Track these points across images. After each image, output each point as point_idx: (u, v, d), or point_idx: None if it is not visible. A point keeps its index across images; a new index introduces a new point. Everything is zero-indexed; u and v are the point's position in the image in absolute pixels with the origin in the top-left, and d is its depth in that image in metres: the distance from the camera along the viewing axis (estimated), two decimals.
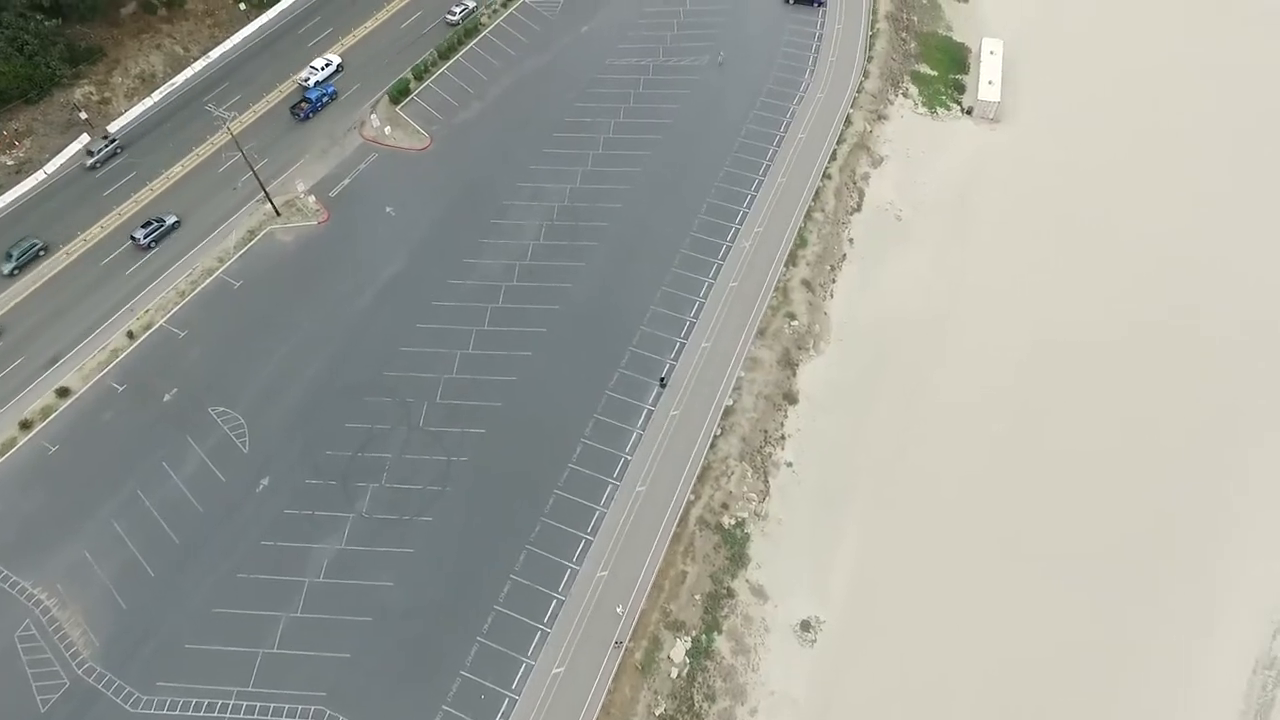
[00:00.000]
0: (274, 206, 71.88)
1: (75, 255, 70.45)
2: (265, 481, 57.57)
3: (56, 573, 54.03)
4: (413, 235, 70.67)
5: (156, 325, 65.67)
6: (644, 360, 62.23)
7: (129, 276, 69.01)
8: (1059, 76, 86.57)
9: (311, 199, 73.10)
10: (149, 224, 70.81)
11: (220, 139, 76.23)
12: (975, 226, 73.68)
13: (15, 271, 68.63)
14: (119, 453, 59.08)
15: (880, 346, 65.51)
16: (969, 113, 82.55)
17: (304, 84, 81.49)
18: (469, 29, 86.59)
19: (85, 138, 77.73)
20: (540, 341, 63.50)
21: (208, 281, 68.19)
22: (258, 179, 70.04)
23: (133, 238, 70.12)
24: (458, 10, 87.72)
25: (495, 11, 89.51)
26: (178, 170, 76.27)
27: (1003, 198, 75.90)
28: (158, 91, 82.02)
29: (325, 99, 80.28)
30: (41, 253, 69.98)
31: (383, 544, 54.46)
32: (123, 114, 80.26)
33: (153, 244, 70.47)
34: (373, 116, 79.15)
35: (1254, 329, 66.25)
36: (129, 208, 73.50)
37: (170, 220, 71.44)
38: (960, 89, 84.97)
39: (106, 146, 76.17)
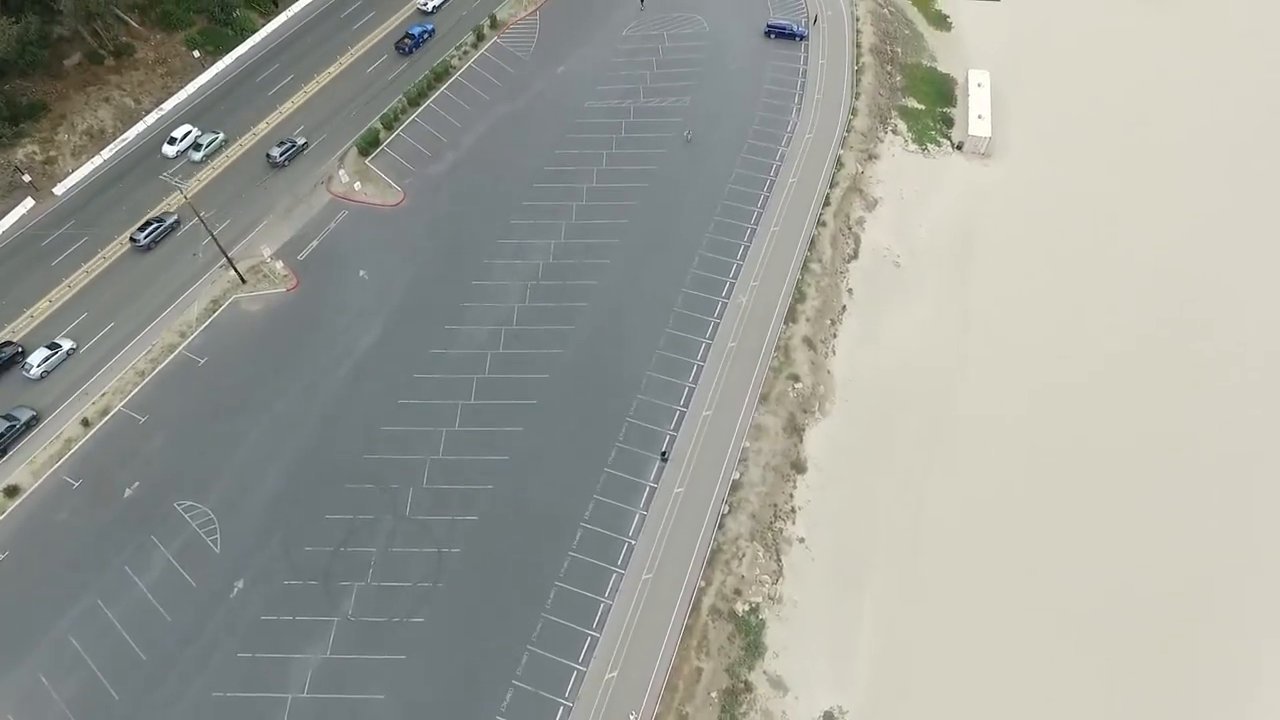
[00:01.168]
0: (238, 273, 67.30)
1: (22, 334, 65.22)
2: (240, 584, 53.03)
3: (8, 701, 48.99)
4: (389, 301, 66.52)
5: (114, 410, 60.75)
6: (643, 432, 58.79)
7: (83, 356, 63.98)
8: (1046, 104, 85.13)
9: (279, 264, 68.61)
10: None
11: (179, 199, 71.47)
12: (974, 268, 71.48)
13: None
14: (76, 558, 54.11)
15: (887, 403, 62.80)
16: (959, 148, 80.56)
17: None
18: (439, 73, 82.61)
19: (30, 202, 72.45)
20: (531, 415, 59.75)
21: (169, 359, 63.37)
22: (218, 245, 65.50)
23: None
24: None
25: (466, 53, 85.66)
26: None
27: (999, 236, 73.87)
28: (108, 149, 76.90)
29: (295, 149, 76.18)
30: None
31: (371, 650, 50.21)
32: (70, 174, 75.05)
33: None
34: (340, 171, 74.88)
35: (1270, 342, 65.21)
36: (79, 279, 68.38)
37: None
38: (948, 123, 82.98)
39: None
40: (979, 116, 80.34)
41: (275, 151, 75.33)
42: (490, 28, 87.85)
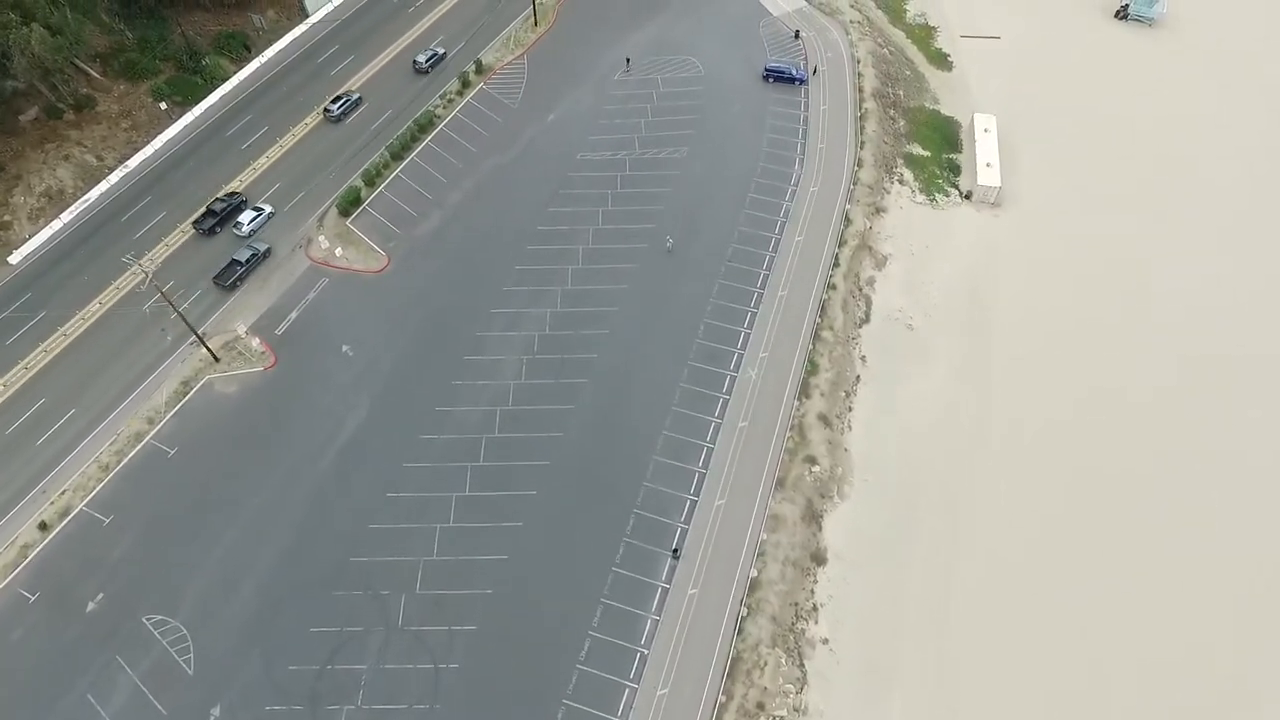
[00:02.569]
0: (210, 352, 62.59)
1: None
2: (216, 712, 48.31)
3: None
4: (375, 380, 62.10)
5: (75, 510, 55.83)
6: (652, 526, 54.83)
7: (40, 448, 58.97)
8: (1054, 146, 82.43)
9: (255, 340, 63.96)
10: None
11: (147, 264, 66.47)
12: (990, 328, 68.26)
13: None
14: (32, 683, 49.10)
15: (908, 481, 59.34)
16: (968, 197, 77.50)
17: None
18: (423, 123, 78.25)
19: None
20: (531, 507, 55.61)
21: (136, 450, 58.52)
22: (186, 322, 60.70)
23: None
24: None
25: (451, 101, 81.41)
26: (95, 308, 66.27)
27: (1014, 290, 70.77)
28: (68, 211, 71.79)
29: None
30: None
31: None
32: (27, 241, 69.93)
33: None
34: (320, 234, 70.39)
35: None
36: (38, 359, 63.31)
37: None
38: (955, 170, 79.96)
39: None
40: (987, 164, 77.34)
41: (243, 220, 70.34)
42: (476, 73, 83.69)
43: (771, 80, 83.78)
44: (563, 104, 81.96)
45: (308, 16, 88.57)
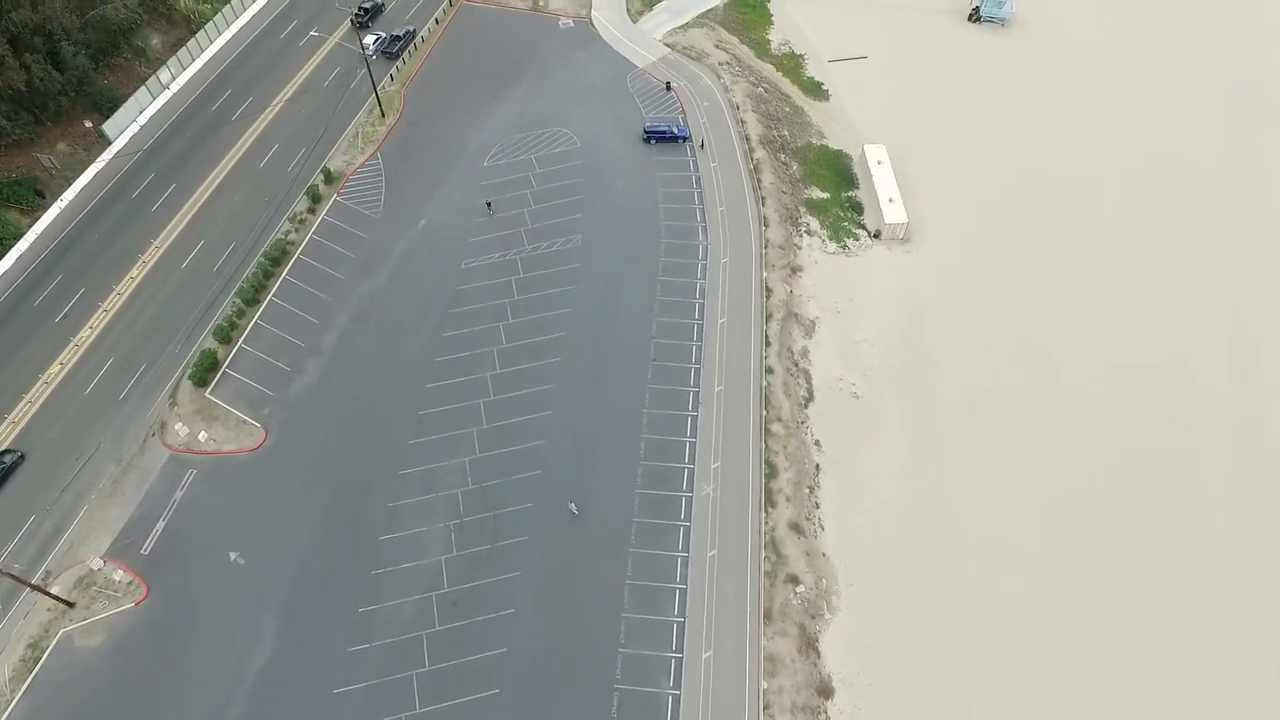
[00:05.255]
0: (59, 598, 50.80)
1: None
2: None
3: None
4: (277, 588, 52.05)
5: None
6: (638, 700, 47.93)
7: None
8: (944, 165, 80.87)
9: (116, 569, 52.53)
10: None
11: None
12: (932, 375, 65.20)
13: None
14: None
15: (892, 574, 55.08)
16: (877, 236, 74.50)
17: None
18: (274, 256, 67.79)
19: None
20: (496, 713, 47.57)
21: None
22: (11, 575, 48.78)
23: None
24: None
25: (303, 221, 71.09)
26: None
27: (945, 330, 68.12)
28: None
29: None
30: None
31: None
32: None
33: None
34: (175, 415, 59.23)
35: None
36: None
37: None
38: (858, 209, 76.86)
39: None
40: (890, 200, 74.54)
41: None
42: (326, 183, 73.69)
43: (654, 142, 78.15)
44: (432, 205, 73.25)
45: (110, 144, 75.66)
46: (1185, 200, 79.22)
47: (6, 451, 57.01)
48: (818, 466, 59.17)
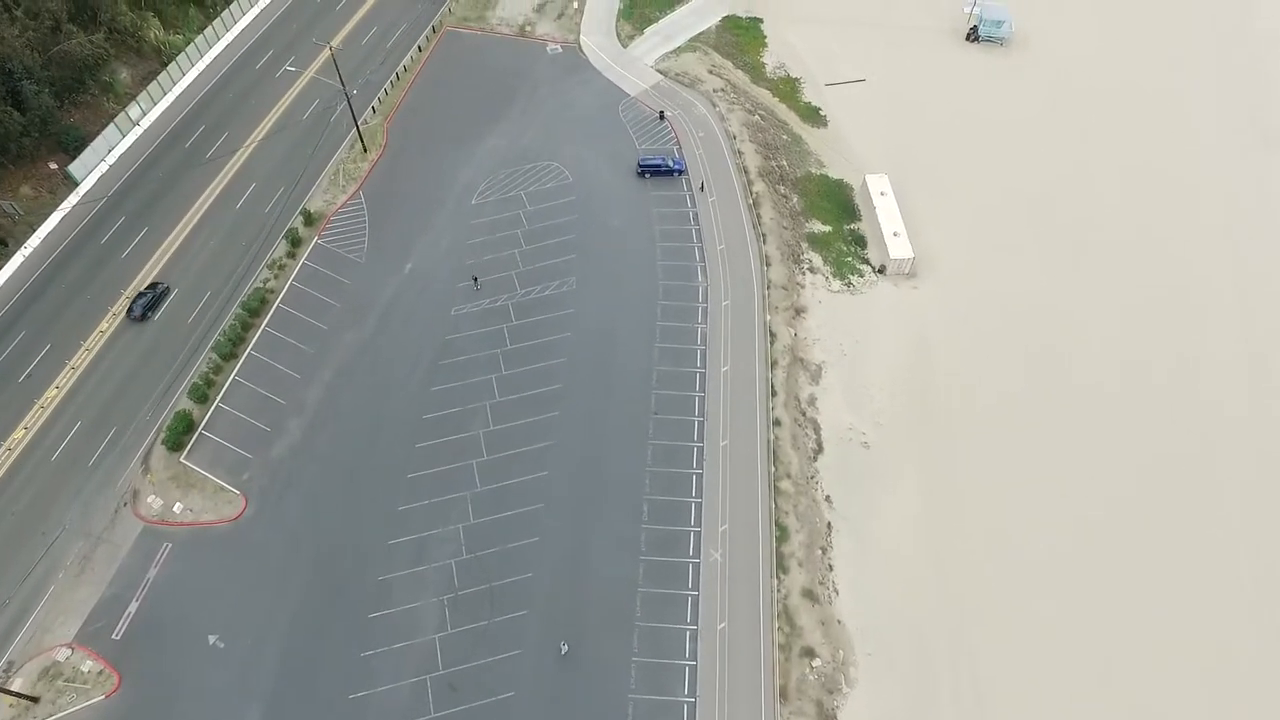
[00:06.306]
0: (22, 695, 47.27)
1: None
2: None
3: None
4: (261, 675, 48.71)
5: None
6: None
7: None
8: (948, 194, 78.41)
9: (85, 658, 49.04)
10: None
11: None
12: (945, 420, 62.55)
13: None
14: None
15: (911, 640, 52.33)
16: (881, 271, 71.91)
17: None
18: (252, 306, 64.34)
19: None
20: None
21: None
22: None
23: None
24: None
25: (283, 268, 67.70)
26: None
27: (954, 369, 65.47)
28: None
29: None
30: None
31: None
32: None
33: None
34: (148, 483, 55.74)
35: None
36: None
37: None
38: (861, 242, 74.24)
39: None
40: (895, 234, 71.97)
41: None
42: (306, 225, 70.31)
43: (648, 176, 75.25)
44: (418, 247, 70.00)
45: (76, 186, 71.94)
46: (1194, 224, 77.13)
47: None
48: (829, 525, 56.41)
